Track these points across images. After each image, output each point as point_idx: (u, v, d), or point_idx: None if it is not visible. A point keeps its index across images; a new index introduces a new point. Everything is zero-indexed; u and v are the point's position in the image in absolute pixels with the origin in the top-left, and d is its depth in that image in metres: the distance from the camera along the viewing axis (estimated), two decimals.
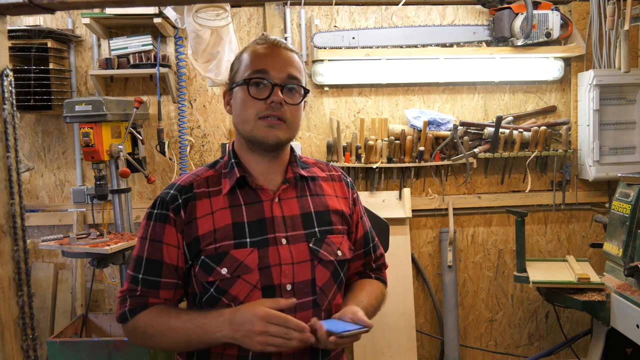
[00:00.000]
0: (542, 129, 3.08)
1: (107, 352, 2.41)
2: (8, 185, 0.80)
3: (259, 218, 1.24)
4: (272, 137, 1.22)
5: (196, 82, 3.07)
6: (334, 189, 1.37)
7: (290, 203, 1.28)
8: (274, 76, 1.23)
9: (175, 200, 1.24)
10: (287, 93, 1.24)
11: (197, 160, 3.09)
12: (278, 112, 1.22)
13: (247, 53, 1.28)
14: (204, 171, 1.31)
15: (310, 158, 1.43)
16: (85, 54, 3.01)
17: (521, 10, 2.95)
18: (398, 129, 3.07)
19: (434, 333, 3.28)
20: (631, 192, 2.48)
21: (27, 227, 0.92)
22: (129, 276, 1.25)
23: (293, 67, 1.26)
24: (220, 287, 1.20)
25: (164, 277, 1.23)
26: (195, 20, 2.42)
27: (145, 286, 1.23)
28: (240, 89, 1.25)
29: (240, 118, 1.26)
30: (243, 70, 1.26)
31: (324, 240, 1.27)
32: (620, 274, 2.48)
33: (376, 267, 1.47)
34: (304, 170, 1.33)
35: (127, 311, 1.24)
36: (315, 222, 1.28)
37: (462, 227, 3.27)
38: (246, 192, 1.27)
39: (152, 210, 1.26)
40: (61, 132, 3.03)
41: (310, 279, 1.23)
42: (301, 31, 3.05)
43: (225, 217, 1.23)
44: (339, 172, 1.42)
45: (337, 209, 1.33)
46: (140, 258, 1.24)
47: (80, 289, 3.01)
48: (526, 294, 3.34)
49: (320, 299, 1.24)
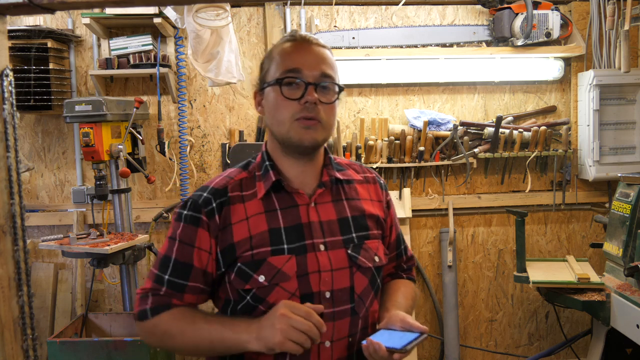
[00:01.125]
0: (542, 129, 3.08)
1: (107, 352, 2.40)
2: (8, 185, 0.80)
3: (295, 223, 1.20)
4: (308, 139, 1.18)
5: (196, 82, 3.07)
6: (369, 192, 1.33)
7: (326, 208, 1.24)
8: (307, 75, 1.18)
9: (208, 203, 1.20)
10: (321, 92, 1.19)
11: (197, 160, 3.09)
12: (313, 112, 1.17)
13: (278, 51, 1.23)
14: (237, 173, 1.27)
15: (343, 159, 1.39)
16: (85, 54, 3.01)
17: (521, 10, 2.95)
18: (398, 129, 3.07)
19: (434, 333, 3.28)
20: (631, 192, 2.48)
21: (27, 227, 0.92)
22: (154, 274, 1.21)
23: (326, 65, 1.21)
24: (257, 294, 1.16)
25: (191, 281, 1.19)
26: (195, 20, 2.42)
27: (170, 288, 1.19)
28: (273, 90, 1.21)
29: (274, 120, 1.21)
30: (274, 70, 1.21)
31: (362, 246, 1.24)
32: (620, 274, 2.48)
33: (407, 268, 1.46)
34: (339, 173, 1.29)
35: (148, 309, 1.19)
36: (352, 227, 1.25)
37: (462, 227, 3.27)
38: (281, 196, 1.22)
39: (183, 211, 1.21)
40: (61, 132, 3.03)
41: (349, 286, 1.20)
42: (301, 31, 3.04)
43: (261, 222, 1.19)
44: (374, 174, 1.39)
45: (372, 214, 1.30)
46: (167, 258, 1.20)
47: (80, 289, 3.01)
48: (526, 294, 3.34)
49: (358, 306, 1.21)
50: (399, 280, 1.42)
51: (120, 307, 3.01)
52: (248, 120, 3.10)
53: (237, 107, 3.09)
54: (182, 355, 1.15)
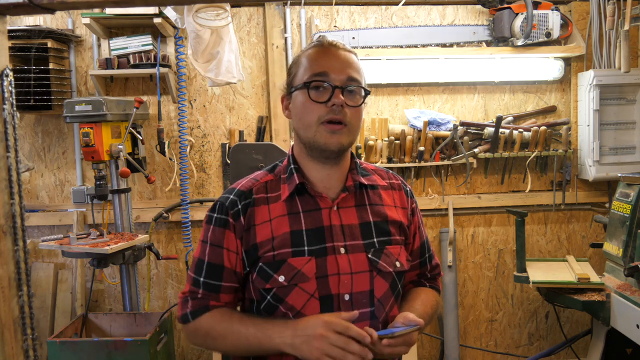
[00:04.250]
0: (542, 129, 3.08)
1: (107, 352, 2.40)
2: (8, 185, 0.80)
3: (317, 226, 1.23)
4: (334, 143, 1.20)
5: (196, 82, 3.07)
6: (393, 199, 1.35)
7: (348, 212, 1.26)
8: (334, 78, 1.21)
9: (234, 205, 1.24)
10: (347, 95, 1.22)
11: (197, 160, 3.09)
12: (340, 115, 1.19)
13: (305, 56, 1.26)
14: (263, 175, 1.31)
15: (370, 164, 1.41)
16: (85, 54, 3.01)
17: (521, 10, 2.95)
18: (398, 129, 3.07)
19: (434, 333, 3.28)
20: (631, 192, 2.48)
21: (27, 227, 0.92)
22: (191, 278, 1.27)
23: (352, 69, 1.24)
24: (277, 294, 1.19)
25: (225, 281, 1.24)
26: (195, 20, 2.42)
27: (206, 289, 1.24)
28: (300, 93, 1.23)
29: (301, 123, 1.24)
30: (302, 74, 1.24)
31: (383, 251, 1.25)
32: (620, 274, 2.48)
33: (431, 277, 1.46)
34: (364, 178, 1.31)
35: (188, 313, 1.25)
36: (374, 232, 1.26)
37: (462, 227, 3.27)
38: (305, 199, 1.25)
39: (212, 214, 1.26)
40: (61, 132, 3.03)
41: (368, 289, 1.22)
42: (301, 31, 3.05)
43: (284, 224, 1.22)
44: (399, 181, 1.40)
45: (395, 220, 1.31)
46: (201, 261, 1.25)
47: (80, 289, 3.01)
48: (526, 294, 3.34)
49: (378, 310, 1.22)
50: (420, 288, 1.43)
51: (120, 307, 3.01)
52: (248, 120, 3.10)
53: (237, 107, 3.09)
54: (225, 355, 1.22)
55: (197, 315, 1.24)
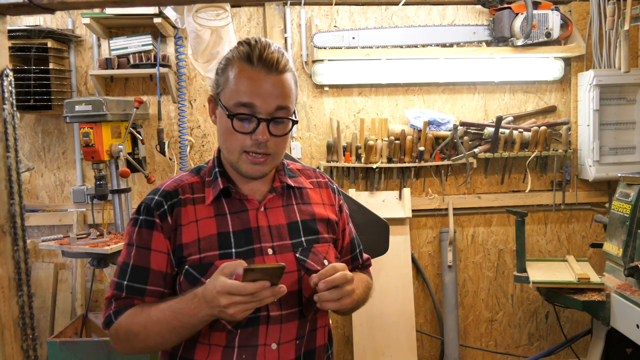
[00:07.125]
0: (542, 129, 3.08)
1: (107, 352, 2.40)
2: (8, 185, 0.80)
3: (244, 228, 1.21)
4: (256, 172, 1.20)
5: (196, 82, 3.07)
6: (321, 196, 1.35)
7: (276, 212, 1.25)
8: (260, 110, 1.14)
9: (160, 206, 1.21)
10: (274, 125, 1.17)
11: (197, 160, 3.09)
12: (263, 149, 1.16)
13: (234, 73, 1.16)
14: (188, 177, 1.27)
15: (297, 164, 1.40)
16: (85, 54, 3.01)
17: (521, 10, 2.95)
18: (398, 129, 3.07)
19: (434, 333, 3.28)
20: (631, 192, 2.48)
21: (27, 227, 0.91)
22: (114, 283, 1.22)
23: (282, 96, 1.16)
24: None
25: (150, 285, 1.19)
26: (195, 20, 2.42)
27: (129, 293, 1.20)
28: (225, 116, 1.17)
29: (224, 145, 1.21)
30: (228, 95, 1.17)
31: (311, 250, 1.24)
32: (620, 274, 2.48)
33: (362, 267, 1.48)
34: (291, 180, 1.30)
35: (111, 313, 1.20)
36: (302, 231, 1.26)
37: (462, 227, 3.27)
38: (231, 200, 1.23)
39: (137, 216, 1.22)
40: (61, 132, 3.03)
41: (297, 289, 1.20)
42: (301, 31, 3.05)
43: (210, 226, 1.20)
44: (326, 179, 1.40)
45: (323, 217, 1.31)
46: (126, 265, 1.21)
47: (80, 289, 3.01)
48: (526, 294, 3.34)
49: (306, 309, 1.22)
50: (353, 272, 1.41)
51: None
52: None
53: None
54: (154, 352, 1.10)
55: (119, 315, 1.19)
